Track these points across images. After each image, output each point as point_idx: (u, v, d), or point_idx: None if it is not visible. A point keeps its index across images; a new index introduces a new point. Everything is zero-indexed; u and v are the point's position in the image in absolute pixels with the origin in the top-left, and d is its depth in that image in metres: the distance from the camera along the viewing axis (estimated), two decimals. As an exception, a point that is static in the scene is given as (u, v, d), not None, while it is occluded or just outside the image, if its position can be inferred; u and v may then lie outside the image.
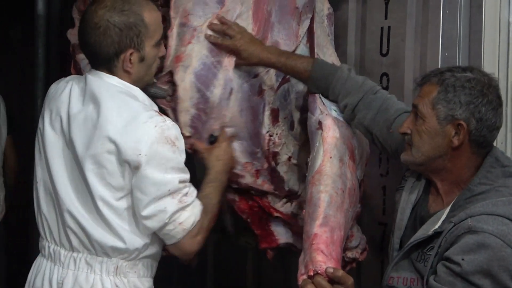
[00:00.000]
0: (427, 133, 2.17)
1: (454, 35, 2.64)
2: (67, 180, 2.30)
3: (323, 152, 2.40)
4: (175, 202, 2.24)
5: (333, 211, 2.32)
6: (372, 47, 2.92)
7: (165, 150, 2.21)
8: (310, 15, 2.80)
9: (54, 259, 2.35)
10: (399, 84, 2.80)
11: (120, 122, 2.21)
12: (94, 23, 2.25)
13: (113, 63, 2.29)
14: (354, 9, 3.00)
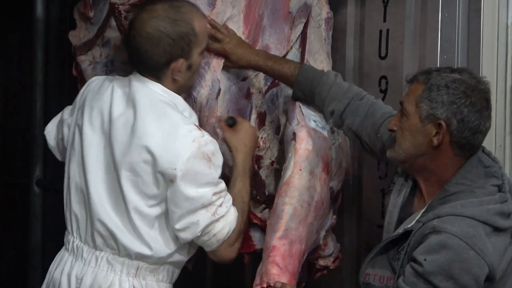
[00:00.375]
0: (409, 131, 2.18)
1: (452, 38, 2.65)
2: (101, 183, 2.31)
3: (293, 164, 2.42)
4: (208, 215, 2.26)
5: (295, 224, 2.34)
6: (370, 50, 2.92)
7: (201, 166, 2.23)
8: (305, 20, 2.80)
9: (77, 255, 2.36)
10: (398, 87, 2.80)
11: (159, 133, 2.22)
12: (147, 32, 2.25)
13: (162, 71, 2.30)
14: (353, 12, 3.00)
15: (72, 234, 2.41)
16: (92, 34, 3.24)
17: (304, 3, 2.79)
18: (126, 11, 2.90)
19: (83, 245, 2.36)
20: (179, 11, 2.28)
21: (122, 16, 2.90)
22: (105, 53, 3.23)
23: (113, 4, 2.91)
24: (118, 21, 2.95)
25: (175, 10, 2.28)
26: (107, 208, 2.29)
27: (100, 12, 3.19)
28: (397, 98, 2.76)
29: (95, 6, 3.18)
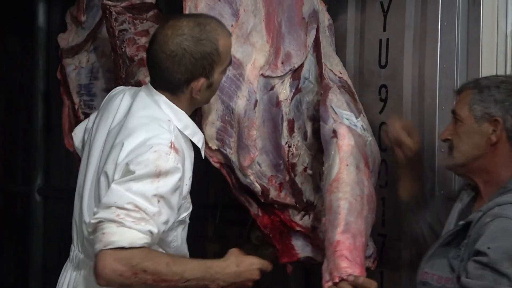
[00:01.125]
0: (466, 133, 2.25)
1: (452, 47, 2.65)
2: (91, 189, 2.29)
3: (339, 160, 2.44)
4: (111, 213, 2.04)
5: (353, 217, 2.36)
6: (370, 58, 2.93)
7: (143, 173, 2.08)
8: (315, 25, 2.82)
9: (74, 264, 2.35)
10: (398, 96, 2.81)
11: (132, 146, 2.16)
12: (170, 50, 2.21)
13: (181, 89, 2.26)
14: (353, 20, 3.01)
15: (73, 243, 2.39)
16: (82, 39, 3.25)
17: (313, 9, 2.82)
18: (117, 13, 2.92)
19: (80, 254, 2.34)
20: (204, 29, 2.24)
21: (113, 17, 2.92)
22: (91, 59, 3.24)
23: (105, 5, 2.93)
24: (107, 23, 2.97)
25: (200, 28, 2.24)
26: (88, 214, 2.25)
27: (92, 18, 3.21)
28: (397, 107, 2.79)
29: (88, 11, 3.19)
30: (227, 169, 2.61)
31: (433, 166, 2.68)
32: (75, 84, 3.34)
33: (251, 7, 2.60)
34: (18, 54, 4.92)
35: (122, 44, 2.97)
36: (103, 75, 3.31)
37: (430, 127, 2.70)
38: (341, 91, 2.66)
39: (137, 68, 2.99)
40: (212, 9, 2.54)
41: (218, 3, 2.55)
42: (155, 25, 3.05)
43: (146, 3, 2.99)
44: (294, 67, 2.73)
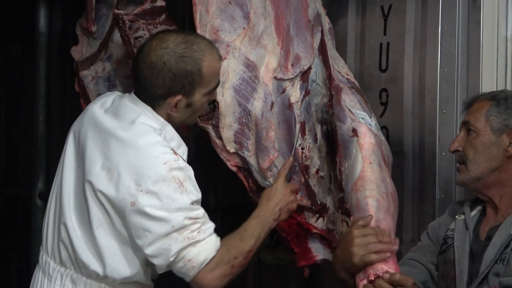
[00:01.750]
0: (482, 145, 2.23)
1: (452, 51, 2.66)
2: (72, 192, 2.25)
3: (362, 159, 2.45)
4: (181, 239, 2.12)
5: (382, 215, 2.35)
6: (371, 62, 2.93)
7: (170, 190, 2.12)
8: (320, 27, 2.84)
9: (45, 271, 2.30)
10: (398, 100, 2.81)
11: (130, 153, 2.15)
12: (151, 61, 2.19)
13: (158, 102, 2.23)
14: (353, 25, 3.02)
15: (42, 247, 2.34)
16: (95, 49, 3.25)
17: (316, 12, 2.84)
18: (130, 21, 2.92)
19: (50, 260, 2.28)
20: (190, 47, 2.21)
21: (126, 26, 2.93)
22: (107, 68, 3.25)
23: (117, 14, 2.93)
24: (122, 32, 2.97)
25: (186, 46, 2.20)
26: (73, 218, 2.21)
27: (103, 27, 3.21)
28: (397, 111, 2.79)
29: (97, 21, 3.19)
30: (244, 173, 2.60)
31: (434, 169, 2.69)
32: (95, 94, 3.35)
33: (260, 10, 2.61)
34: (19, 58, 4.92)
35: (139, 51, 2.98)
36: (120, 82, 3.31)
37: (430, 130, 2.70)
38: (352, 92, 2.67)
39: (156, 73, 3.00)
40: (224, 12, 2.55)
41: (229, 5, 2.56)
42: (169, 28, 3.06)
43: (157, 6, 2.99)
44: (304, 69, 2.74)
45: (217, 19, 2.55)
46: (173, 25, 3.09)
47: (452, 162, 2.63)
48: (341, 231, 2.66)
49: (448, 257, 2.29)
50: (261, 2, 2.64)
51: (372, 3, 2.94)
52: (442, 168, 2.67)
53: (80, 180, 2.24)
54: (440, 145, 2.67)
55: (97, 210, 2.18)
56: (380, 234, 2.22)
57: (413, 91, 2.76)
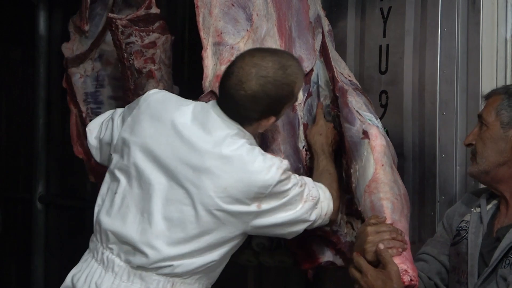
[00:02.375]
0: (490, 139, 2.22)
1: (452, 53, 2.66)
2: (162, 207, 2.28)
3: (374, 161, 2.45)
4: (309, 205, 2.34)
5: (398, 216, 2.36)
6: (371, 64, 2.93)
7: (285, 186, 2.31)
8: (321, 29, 2.84)
9: (107, 266, 2.32)
10: (398, 102, 2.81)
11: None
12: (252, 90, 2.25)
13: (249, 123, 2.32)
14: (353, 27, 3.02)
15: (102, 244, 2.35)
16: (86, 48, 3.26)
17: (317, 14, 2.84)
18: (123, 26, 2.92)
19: (114, 258, 2.32)
20: (286, 72, 2.29)
21: (119, 30, 2.93)
22: (96, 68, 3.26)
23: (111, 18, 2.93)
24: (114, 36, 2.98)
25: (283, 71, 2.28)
26: (166, 240, 2.26)
27: (96, 26, 3.22)
28: (397, 113, 2.79)
29: (91, 20, 3.20)
30: None
31: (434, 171, 2.68)
32: (82, 93, 3.36)
33: (263, 12, 2.61)
34: (19, 62, 4.92)
35: (130, 56, 2.99)
36: (109, 82, 3.32)
37: (430, 132, 2.70)
38: (357, 93, 2.67)
39: (145, 80, 3.01)
40: (227, 14, 2.55)
41: (232, 8, 2.56)
42: (161, 37, 3.06)
43: (151, 14, 3.00)
44: (306, 71, 2.74)
45: (221, 22, 2.55)
46: (165, 34, 3.09)
47: (453, 164, 2.63)
48: (345, 232, 2.66)
49: (460, 249, 2.28)
50: (264, 4, 2.64)
51: (371, 5, 2.94)
52: (442, 170, 2.67)
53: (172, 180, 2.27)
54: (440, 147, 2.67)
55: (206, 220, 2.25)
56: (393, 231, 2.22)
57: (413, 93, 2.76)
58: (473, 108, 2.61)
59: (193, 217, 2.25)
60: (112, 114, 2.52)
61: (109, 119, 2.51)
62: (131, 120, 2.37)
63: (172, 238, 2.26)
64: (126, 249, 2.30)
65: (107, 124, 2.50)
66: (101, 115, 2.63)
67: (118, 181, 2.35)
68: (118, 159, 2.37)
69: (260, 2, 2.64)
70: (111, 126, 2.47)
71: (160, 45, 3.06)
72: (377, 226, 2.22)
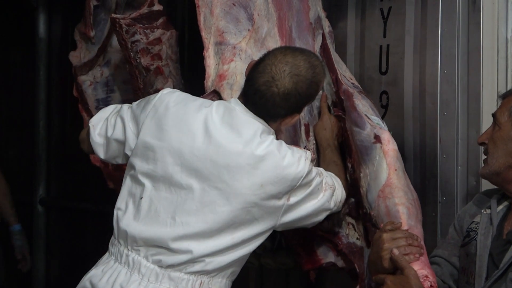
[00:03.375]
0: (501, 140, 2.21)
1: (452, 53, 2.65)
2: (194, 212, 2.28)
3: (387, 166, 2.45)
4: (328, 194, 2.38)
5: (414, 222, 2.37)
6: (371, 65, 2.93)
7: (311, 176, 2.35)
8: (321, 31, 2.84)
9: (133, 268, 2.31)
10: (398, 102, 2.81)
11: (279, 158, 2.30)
12: (285, 87, 2.26)
13: (274, 119, 2.33)
14: (353, 27, 3.01)
15: (127, 247, 2.33)
16: (93, 54, 3.26)
17: (317, 15, 2.84)
18: (127, 25, 2.92)
19: (141, 259, 2.31)
20: (315, 72, 2.32)
21: (123, 30, 2.93)
22: (105, 73, 3.26)
23: (114, 18, 2.93)
24: (119, 36, 2.97)
25: (313, 70, 2.31)
26: (201, 241, 2.28)
27: (101, 32, 3.22)
28: (398, 113, 2.78)
29: (96, 26, 3.20)
30: None
31: (435, 172, 2.68)
32: (93, 100, 3.36)
33: (264, 12, 2.61)
34: (19, 65, 4.93)
35: (136, 55, 3.00)
36: (119, 87, 3.32)
37: (431, 133, 2.70)
38: (362, 96, 2.66)
39: (154, 77, 3.01)
40: (228, 13, 2.54)
41: (233, 7, 2.56)
42: (166, 32, 3.06)
43: (154, 11, 3.00)
44: (306, 71, 2.73)
45: (222, 21, 2.55)
46: (170, 29, 3.09)
47: (454, 164, 2.63)
48: (346, 233, 2.66)
49: (470, 250, 2.27)
50: (264, 4, 2.64)
51: (371, 5, 2.93)
52: (444, 171, 2.66)
53: (208, 194, 2.28)
54: (441, 147, 2.66)
55: (241, 217, 2.27)
56: (409, 237, 2.21)
57: (414, 94, 2.76)
58: (474, 108, 2.61)
59: (228, 217, 2.26)
60: (119, 111, 2.46)
61: (117, 117, 2.45)
62: (152, 123, 2.34)
63: (207, 238, 2.27)
64: (157, 251, 2.29)
65: (115, 122, 2.45)
66: (103, 110, 2.57)
67: (142, 185, 2.34)
68: (141, 164, 2.34)
69: (261, 2, 2.64)
70: (122, 125, 2.42)
71: (166, 40, 3.06)
72: (393, 233, 2.21)
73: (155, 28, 3.05)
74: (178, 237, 2.27)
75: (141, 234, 2.30)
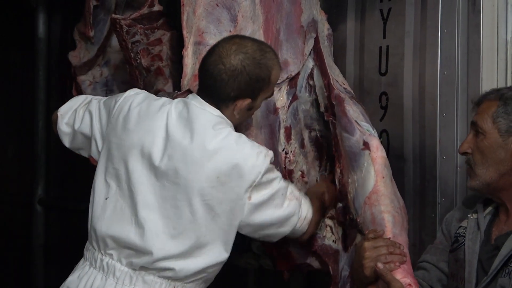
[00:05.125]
0: (490, 148, 2.16)
1: (452, 54, 2.65)
2: (156, 208, 2.29)
3: (374, 173, 2.44)
4: (295, 203, 2.38)
5: (398, 230, 2.35)
6: (371, 66, 2.93)
7: (272, 175, 2.35)
8: (315, 34, 2.83)
9: (107, 272, 2.33)
10: (398, 103, 2.81)
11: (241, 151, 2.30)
12: (230, 63, 2.30)
13: (226, 103, 2.34)
14: (353, 29, 3.01)
15: (100, 251, 2.36)
16: (93, 54, 3.26)
17: (312, 18, 2.83)
18: (127, 26, 2.93)
19: (115, 263, 2.32)
20: (265, 55, 2.35)
21: (124, 30, 2.93)
22: (105, 73, 3.26)
23: (115, 19, 2.93)
24: (119, 36, 2.97)
25: (262, 53, 2.34)
26: (164, 238, 2.28)
27: (100, 32, 3.22)
28: (397, 114, 2.78)
29: (95, 25, 3.20)
30: None
31: (435, 173, 2.67)
32: (92, 100, 3.35)
33: (249, 13, 2.61)
34: (18, 65, 4.92)
35: (136, 55, 3.00)
36: (118, 87, 3.32)
37: (430, 134, 2.69)
38: (353, 102, 2.65)
39: (154, 77, 3.01)
40: (210, 14, 2.55)
41: (216, 8, 2.57)
42: (167, 33, 3.06)
43: (154, 11, 3.00)
44: (291, 75, 2.75)
45: (203, 21, 2.56)
46: (170, 30, 3.09)
47: (453, 166, 2.62)
48: (323, 235, 2.65)
49: (459, 256, 2.26)
50: (251, 5, 2.64)
51: (371, 7, 2.93)
52: (443, 172, 2.66)
53: (167, 191, 2.29)
54: (441, 148, 2.66)
55: (201, 212, 2.27)
56: (391, 246, 2.20)
57: (413, 95, 2.76)
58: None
59: (189, 210, 2.27)
60: (89, 104, 2.52)
61: (85, 110, 2.51)
62: (116, 124, 2.38)
63: (172, 234, 2.28)
64: (127, 252, 2.31)
65: (83, 115, 2.50)
66: (72, 100, 2.62)
67: (108, 185, 2.37)
68: (107, 164, 2.38)
69: (247, 3, 2.65)
70: (90, 121, 2.48)
71: (166, 41, 3.07)
72: (375, 241, 2.20)
73: (156, 28, 3.06)
74: (144, 237, 2.28)
75: (111, 235, 2.32)
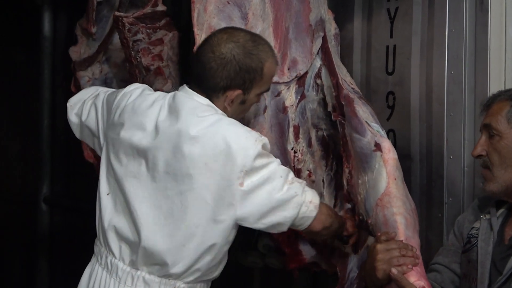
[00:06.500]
0: (507, 148, 2.15)
1: (459, 53, 2.64)
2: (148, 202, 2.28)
3: (386, 174, 2.42)
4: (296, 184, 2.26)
5: (411, 232, 2.34)
6: (377, 65, 2.92)
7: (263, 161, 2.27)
8: (322, 33, 2.82)
9: (111, 271, 2.33)
10: (405, 103, 2.80)
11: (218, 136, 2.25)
12: (220, 52, 2.28)
13: (216, 94, 2.31)
14: (360, 28, 3.00)
15: (105, 247, 2.36)
16: (93, 50, 3.27)
17: (320, 17, 2.83)
18: (129, 24, 2.93)
19: (118, 262, 2.33)
20: (257, 46, 2.32)
21: (126, 28, 2.93)
22: (105, 70, 3.26)
23: (117, 16, 2.94)
24: (121, 34, 2.98)
25: (253, 44, 2.32)
26: (156, 229, 2.26)
27: (102, 29, 3.23)
28: (404, 114, 2.77)
29: (98, 22, 3.20)
30: None
31: (442, 173, 2.67)
32: (90, 96, 3.35)
33: (259, 11, 2.61)
34: (23, 64, 4.93)
35: (137, 54, 3.01)
36: (117, 85, 3.32)
37: (438, 133, 2.69)
38: (363, 102, 2.64)
39: (154, 77, 3.01)
40: (222, 11, 2.55)
41: (227, 5, 2.56)
42: (168, 34, 3.07)
43: (158, 11, 3.00)
44: (300, 73, 2.74)
45: (215, 19, 2.55)
46: (172, 30, 3.10)
47: (460, 165, 2.62)
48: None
49: (471, 257, 2.24)
50: (261, 3, 2.64)
51: (378, 6, 2.93)
52: (450, 172, 2.65)
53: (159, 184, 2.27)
54: (448, 148, 2.65)
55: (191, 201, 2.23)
56: (404, 248, 2.18)
57: (420, 94, 2.75)
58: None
59: (179, 200, 2.24)
60: (96, 98, 2.53)
61: (92, 104, 2.53)
62: (115, 118, 2.38)
63: (162, 224, 2.26)
64: (126, 246, 2.31)
65: (90, 108, 2.53)
66: (82, 91, 2.64)
67: (108, 181, 2.38)
68: (106, 159, 2.39)
69: (257, 1, 2.64)
70: (95, 114, 2.50)
71: (167, 42, 3.07)
72: (387, 244, 2.19)
73: (158, 28, 3.06)
74: (134, 226, 2.28)
75: (110, 226, 2.33)
